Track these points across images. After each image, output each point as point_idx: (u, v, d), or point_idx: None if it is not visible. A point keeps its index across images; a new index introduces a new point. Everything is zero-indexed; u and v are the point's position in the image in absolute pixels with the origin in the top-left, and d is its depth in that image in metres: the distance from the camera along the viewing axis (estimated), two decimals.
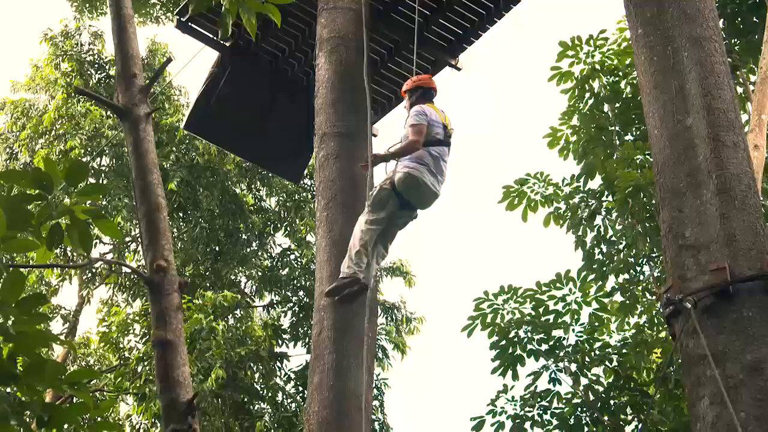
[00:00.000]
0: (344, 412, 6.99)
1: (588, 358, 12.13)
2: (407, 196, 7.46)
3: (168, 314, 5.02)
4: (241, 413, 15.18)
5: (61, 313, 20.93)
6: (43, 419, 3.39)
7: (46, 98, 20.29)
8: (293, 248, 19.40)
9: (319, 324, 7.53)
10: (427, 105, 7.77)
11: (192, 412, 4.63)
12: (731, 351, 4.52)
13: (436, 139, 7.58)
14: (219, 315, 15.67)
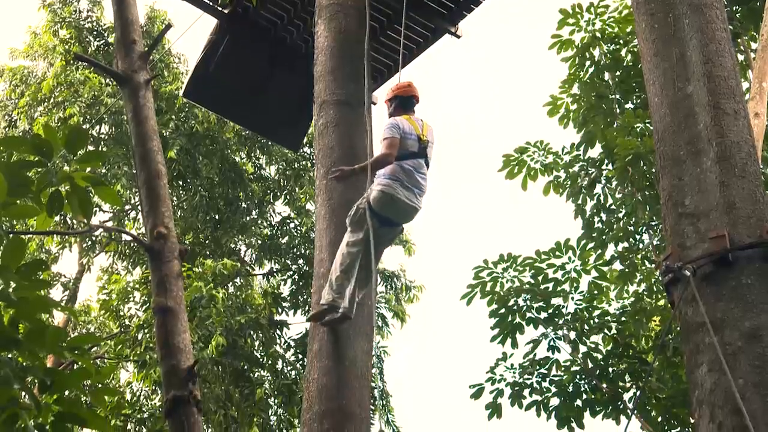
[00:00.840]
0: (344, 379, 7.02)
1: (587, 326, 12.18)
2: (385, 214, 7.26)
3: (168, 281, 5.03)
4: (241, 380, 15.24)
5: (62, 280, 20.97)
6: (45, 384, 3.40)
7: (45, 65, 20.23)
8: (293, 216, 19.41)
9: (319, 292, 7.54)
10: (402, 117, 7.55)
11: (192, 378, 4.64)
12: (730, 318, 4.52)
13: (409, 152, 7.38)
14: (219, 283, 15.69)
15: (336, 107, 8.12)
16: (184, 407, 4.48)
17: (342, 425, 6.77)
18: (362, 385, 7.09)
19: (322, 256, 7.72)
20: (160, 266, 5.15)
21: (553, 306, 12.38)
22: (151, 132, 6.65)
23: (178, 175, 18.59)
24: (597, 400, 12.06)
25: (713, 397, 4.42)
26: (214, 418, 14.48)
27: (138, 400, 16.35)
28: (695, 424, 4.63)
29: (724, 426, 4.30)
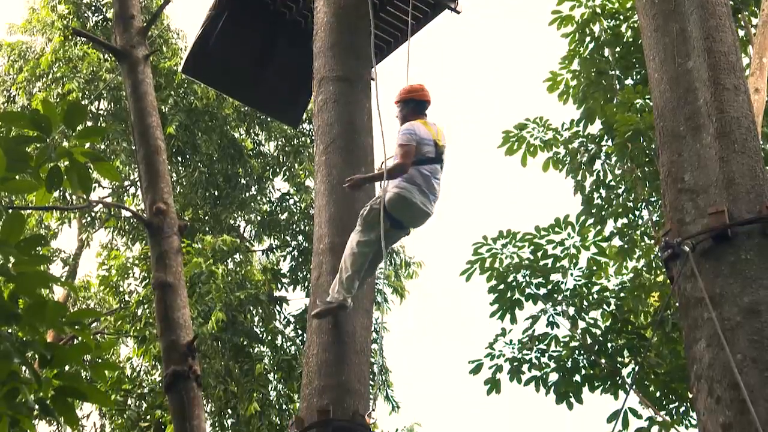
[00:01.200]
0: (343, 355, 7.03)
1: (586, 302, 12.20)
2: (398, 217, 7.26)
3: (168, 257, 5.03)
4: (241, 356, 15.28)
5: (61, 256, 20.98)
6: (45, 359, 3.41)
7: (43, 41, 20.15)
8: (292, 193, 19.40)
9: (318, 268, 7.55)
10: (418, 121, 7.48)
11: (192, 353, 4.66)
12: (729, 294, 4.53)
13: (426, 157, 7.32)
14: (218, 259, 15.70)
15: (335, 83, 8.10)
16: (183, 382, 4.50)
17: (342, 400, 6.80)
18: (361, 360, 7.11)
19: (322, 233, 7.72)
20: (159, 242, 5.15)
21: (552, 282, 12.40)
22: (149, 108, 6.64)
23: (178, 151, 18.56)
24: (595, 376, 12.10)
25: (711, 371, 4.43)
26: (214, 393, 14.53)
27: (138, 375, 16.40)
28: (693, 398, 4.65)
29: (722, 400, 4.31)
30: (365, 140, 7.89)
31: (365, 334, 7.35)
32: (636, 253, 12.50)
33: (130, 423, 14.52)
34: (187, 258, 14.90)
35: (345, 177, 7.68)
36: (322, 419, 6.66)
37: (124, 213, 18.86)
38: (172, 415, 4.46)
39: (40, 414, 3.57)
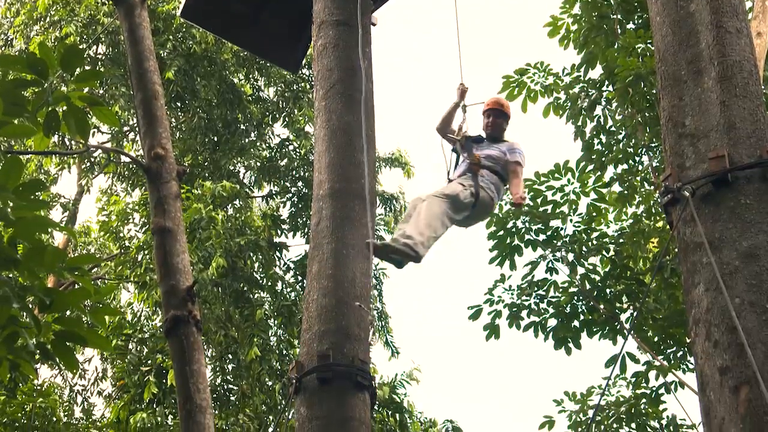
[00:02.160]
0: (343, 300, 7.05)
1: (585, 248, 12.23)
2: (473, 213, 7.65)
3: (167, 202, 5.02)
4: (241, 302, 15.35)
5: (61, 201, 20.99)
6: (45, 303, 3.41)
7: None
8: (292, 139, 19.33)
9: (318, 214, 7.55)
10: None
11: (192, 298, 4.67)
12: (728, 238, 4.53)
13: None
14: (218, 205, 15.70)
15: (335, 28, 8.03)
16: (183, 327, 4.51)
17: (341, 345, 6.82)
18: (361, 305, 7.13)
19: (321, 178, 7.70)
20: (158, 187, 5.14)
21: (552, 228, 12.42)
22: (147, 52, 6.58)
23: (177, 97, 18.46)
24: (594, 321, 12.17)
25: (709, 315, 4.45)
26: (215, 338, 14.61)
27: (139, 320, 16.48)
28: (691, 342, 4.67)
29: (719, 344, 4.33)
30: (366, 85, 7.83)
31: (365, 279, 7.36)
32: (636, 199, 12.50)
33: (131, 367, 14.61)
34: (186, 204, 14.91)
35: (345, 122, 7.66)
36: (321, 364, 6.69)
37: (123, 158, 18.83)
38: (173, 359, 4.48)
39: (41, 358, 3.59)
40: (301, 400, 6.68)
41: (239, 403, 14.92)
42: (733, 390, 4.19)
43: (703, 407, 4.42)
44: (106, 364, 18.69)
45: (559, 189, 12.39)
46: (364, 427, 6.62)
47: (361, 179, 7.47)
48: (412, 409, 15.50)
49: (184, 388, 4.34)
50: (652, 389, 12.47)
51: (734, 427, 4.11)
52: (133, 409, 14.20)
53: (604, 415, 12.55)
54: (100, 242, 19.48)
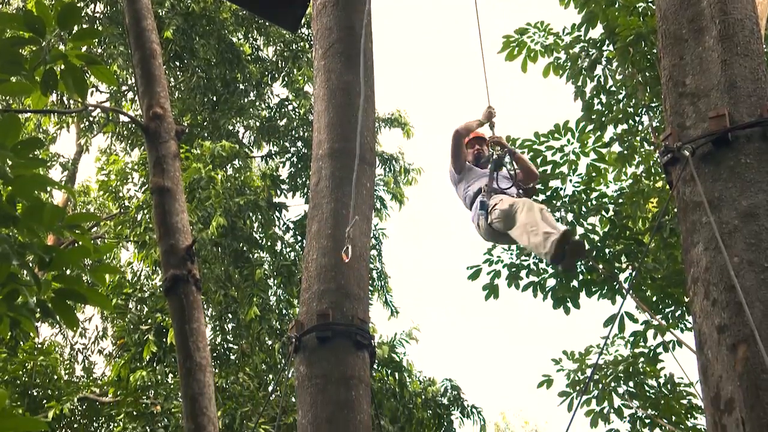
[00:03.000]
0: (342, 259, 7.07)
1: (584, 208, 12.23)
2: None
3: (165, 161, 5.00)
4: (241, 261, 15.37)
5: (60, 161, 20.96)
6: (45, 261, 3.42)
7: None
8: (291, 98, 19.26)
9: (318, 173, 7.55)
10: None
11: (191, 257, 4.66)
12: (727, 197, 4.53)
13: None
14: (217, 165, 15.68)
15: None
16: (183, 286, 4.51)
17: (341, 304, 6.85)
18: (361, 265, 7.15)
19: (321, 138, 7.69)
20: (156, 146, 5.12)
21: (552, 188, 12.41)
22: (144, 10, 6.52)
23: (175, 56, 18.36)
24: (593, 281, 12.20)
25: (708, 274, 4.46)
26: (214, 297, 14.65)
27: (138, 279, 16.51)
28: (689, 301, 4.69)
29: (717, 302, 4.35)
30: (365, 45, 7.79)
31: (364, 239, 7.38)
32: (635, 159, 12.48)
33: (131, 326, 14.66)
34: (186, 164, 14.88)
35: (344, 82, 7.64)
36: (321, 323, 6.72)
37: (122, 118, 18.77)
38: (172, 318, 4.50)
39: (41, 316, 3.60)
40: (300, 359, 6.72)
41: (239, 362, 14.99)
42: (730, 348, 4.21)
43: (700, 365, 4.44)
44: (107, 323, 18.77)
45: (558, 149, 12.37)
46: (363, 386, 6.66)
47: (360, 139, 7.45)
48: (411, 368, 15.58)
49: (184, 347, 4.36)
50: (650, 348, 12.54)
51: (731, 385, 4.13)
52: (134, 367, 14.27)
53: (602, 374, 12.62)
54: (100, 202, 19.48)
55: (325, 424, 6.36)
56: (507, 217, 7.58)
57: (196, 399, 4.13)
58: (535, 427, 42.17)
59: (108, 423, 15.78)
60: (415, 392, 14.99)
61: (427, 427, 14.96)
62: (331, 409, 6.42)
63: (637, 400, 12.66)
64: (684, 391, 12.64)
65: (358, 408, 6.50)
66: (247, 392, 13.76)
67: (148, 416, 13.50)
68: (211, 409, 4.18)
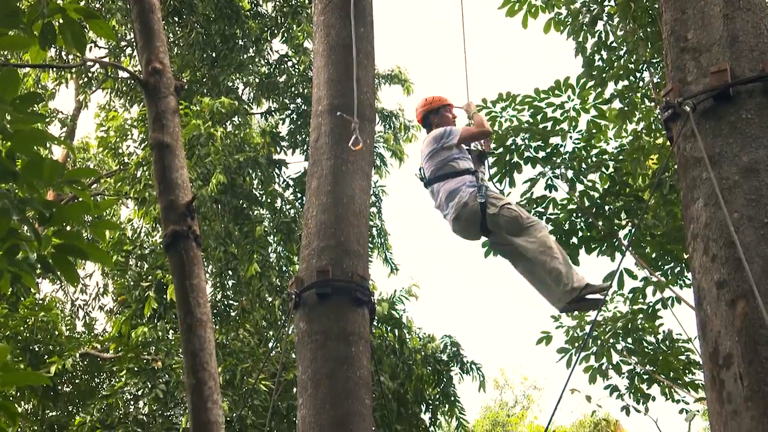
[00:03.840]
0: (342, 216, 7.08)
1: (584, 165, 12.22)
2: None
3: (165, 117, 4.97)
4: (241, 218, 15.37)
5: (59, 117, 20.90)
6: (45, 216, 3.42)
7: None
8: (291, 55, 19.16)
9: (317, 130, 7.54)
10: None
11: (191, 213, 4.65)
12: (728, 153, 4.52)
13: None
14: (217, 121, 15.62)
15: None
16: (183, 241, 4.51)
17: (341, 261, 6.88)
18: (360, 222, 7.16)
19: (320, 94, 7.68)
20: (156, 102, 5.08)
21: (551, 145, 12.38)
22: None
23: (174, 11, 18.23)
24: (593, 238, 12.22)
25: (708, 230, 4.46)
26: (214, 254, 14.67)
27: (138, 236, 16.54)
28: (689, 258, 4.69)
29: (717, 258, 4.35)
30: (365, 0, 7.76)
31: (364, 196, 7.39)
32: (636, 116, 12.43)
33: (131, 283, 14.70)
34: (185, 120, 14.84)
35: (343, 37, 7.60)
36: (321, 279, 6.75)
37: (121, 74, 18.67)
38: (172, 274, 4.50)
39: (42, 271, 3.60)
40: (300, 316, 6.76)
41: (239, 319, 15.04)
42: (729, 304, 4.22)
43: (699, 321, 4.46)
44: (107, 279, 18.84)
45: (559, 106, 12.33)
46: (363, 342, 6.70)
47: (359, 95, 7.44)
48: (410, 325, 15.63)
49: (185, 303, 4.36)
50: (649, 305, 12.60)
51: (730, 340, 4.15)
52: (135, 323, 14.33)
53: (601, 331, 12.69)
54: (99, 158, 19.45)
55: (325, 380, 6.40)
56: (519, 225, 7.37)
57: (196, 354, 4.14)
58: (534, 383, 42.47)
59: (109, 379, 15.88)
60: (415, 349, 15.06)
61: (427, 383, 15.05)
62: (331, 365, 6.46)
63: (635, 356, 12.74)
64: (682, 347, 12.72)
65: (357, 364, 6.55)
66: (247, 348, 13.82)
67: (149, 372, 13.57)
68: (212, 364, 4.20)
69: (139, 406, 13.96)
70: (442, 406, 15.41)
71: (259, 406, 13.05)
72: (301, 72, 18.58)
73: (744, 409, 3.96)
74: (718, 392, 4.15)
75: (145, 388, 13.48)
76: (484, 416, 41.14)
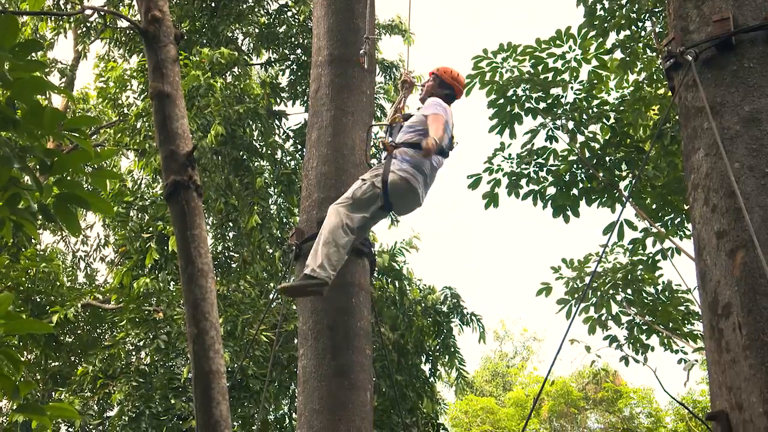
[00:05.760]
0: (342, 167, 7.08)
1: (585, 116, 12.20)
2: (394, 201, 6.68)
3: (165, 66, 4.94)
4: (241, 170, 15.35)
5: (58, 66, 20.80)
6: (46, 165, 3.41)
7: None
8: (290, 4, 19.01)
9: (317, 81, 7.52)
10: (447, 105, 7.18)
11: (191, 163, 4.64)
12: (729, 102, 4.50)
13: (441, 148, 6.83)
14: (216, 72, 15.55)
15: None
16: (184, 192, 4.50)
17: None
18: (361, 173, 7.16)
19: (320, 44, 7.64)
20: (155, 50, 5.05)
21: (552, 96, 12.35)
22: None
23: None
24: (593, 189, 12.23)
25: (708, 180, 4.45)
26: (215, 206, 14.68)
27: (139, 188, 16.54)
28: (689, 208, 4.69)
29: (717, 208, 4.35)
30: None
31: (364, 147, 7.37)
32: (637, 66, 12.38)
33: (132, 234, 14.73)
34: (185, 71, 14.76)
35: None
36: None
37: (120, 23, 18.54)
38: (173, 225, 4.50)
39: (43, 220, 3.61)
40: (301, 266, 6.77)
41: (240, 270, 15.09)
42: (729, 254, 4.23)
43: (698, 271, 4.47)
44: (108, 230, 18.87)
45: (560, 56, 12.28)
46: (363, 293, 6.73)
47: (360, 45, 7.41)
48: (411, 277, 15.68)
49: (185, 253, 4.36)
50: (648, 255, 12.64)
51: (729, 290, 4.16)
52: (136, 275, 14.38)
53: (601, 282, 12.74)
54: (99, 109, 19.39)
55: (326, 331, 6.45)
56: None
57: (198, 304, 4.15)
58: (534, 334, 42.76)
59: (111, 329, 15.98)
60: (415, 300, 15.12)
61: (427, 335, 15.13)
62: (332, 316, 6.50)
63: (634, 306, 12.81)
64: (681, 298, 12.79)
65: (358, 315, 6.59)
66: (248, 300, 13.87)
67: (150, 323, 13.64)
68: (213, 314, 4.21)
69: (141, 357, 14.06)
70: (442, 357, 15.50)
71: (260, 357, 13.13)
72: (301, 22, 18.44)
73: (742, 358, 3.99)
74: (717, 341, 4.17)
75: (146, 338, 13.57)
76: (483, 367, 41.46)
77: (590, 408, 34.50)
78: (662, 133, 11.20)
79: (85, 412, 13.18)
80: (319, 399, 6.17)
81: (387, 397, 13.53)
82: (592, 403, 34.11)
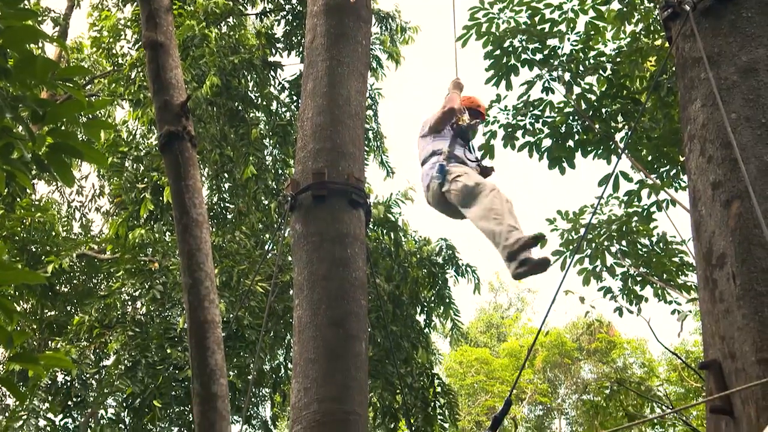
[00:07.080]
0: (338, 118, 7.05)
1: (582, 67, 12.14)
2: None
3: (158, 15, 4.90)
4: (236, 121, 15.28)
5: (51, 15, 20.62)
6: (38, 114, 3.39)
7: None
8: None
9: (312, 31, 7.46)
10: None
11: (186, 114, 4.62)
12: (727, 52, 4.48)
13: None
14: (211, 22, 15.42)
15: None
16: (178, 142, 4.49)
17: (336, 163, 6.87)
18: (356, 124, 7.14)
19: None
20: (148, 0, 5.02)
21: (549, 47, 12.28)
22: None
23: None
24: (589, 141, 12.21)
25: (705, 131, 4.44)
26: (210, 156, 14.64)
27: (134, 138, 16.47)
28: (685, 159, 4.68)
29: (713, 159, 4.35)
30: None
31: (360, 98, 7.35)
32: (635, 17, 12.30)
33: (127, 185, 14.69)
34: (178, 21, 14.65)
35: None
36: (317, 181, 6.75)
37: None
38: (168, 175, 4.49)
39: (37, 171, 3.59)
40: (296, 218, 6.78)
41: (235, 221, 15.08)
42: (724, 204, 4.23)
43: (693, 222, 4.47)
44: (103, 181, 18.83)
45: (557, 7, 12.19)
46: (358, 244, 6.74)
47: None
48: (406, 228, 15.69)
49: (180, 203, 4.36)
50: (644, 207, 12.65)
51: (724, 240, 4.17)
52: (131, 225, 14.37)
53: (596, 233, 12.76)
54: (93, 59, 19.25)
55: (321, 281, 6.45)
56: (468, 195, 6.97)
57: (193, 254, 4.16)
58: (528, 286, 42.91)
59: (107, 279, 16.00)
60: (411, 251, 15.13)
61: (422, 286, 15.17)
62: (327, 266, 6.50)
63: (629, 258, 12.85)
64: (676, 249, 12.83)
65: (353, 266, 6.59)
66: (243, 251, 13.88)
67: (146, 273, 13.66)
68: (208, 264, 4.22)
69: (137, 307, 14.11)
70: (437, 308, 15.57)
71: (256, 307, 13.17)
72: None
73: (736, 308, 4.00)
74: (711, 291, 4.19)
75: (142, 288, 13.59)
76: (478, 318, 41.69)
77: (584, 358, 34.77)
78: (659, 84, 11.16)
79: (82, 361, 13.22)
80: (315, 348, 6.19)
81: (382, 347, 13.60)
82: (586, 354, 34.38)
